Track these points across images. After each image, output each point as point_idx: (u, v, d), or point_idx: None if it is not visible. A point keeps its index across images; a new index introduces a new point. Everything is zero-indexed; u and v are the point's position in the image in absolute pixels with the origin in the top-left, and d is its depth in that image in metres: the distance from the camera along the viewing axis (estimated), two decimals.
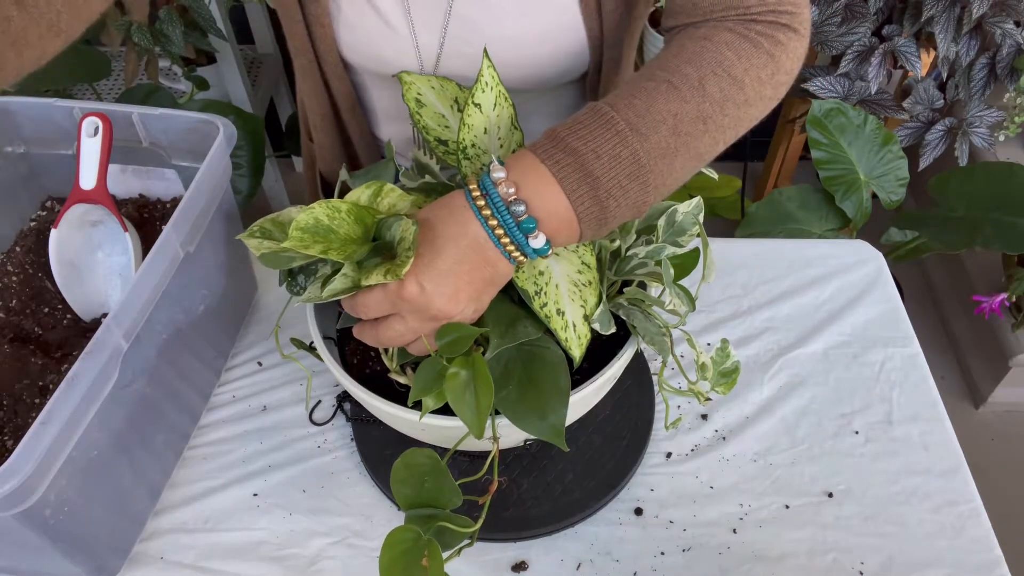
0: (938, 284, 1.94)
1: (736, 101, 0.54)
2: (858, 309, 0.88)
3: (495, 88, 0.56)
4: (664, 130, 0.51)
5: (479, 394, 0.53)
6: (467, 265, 0.51)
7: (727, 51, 0.54)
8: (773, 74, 0.56)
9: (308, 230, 0.48)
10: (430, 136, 0.61)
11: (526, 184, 0.50)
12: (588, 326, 0.57)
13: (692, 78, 0.53)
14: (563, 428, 0.56)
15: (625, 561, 0.69)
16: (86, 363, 0.56)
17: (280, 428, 0.79)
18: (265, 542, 0.70)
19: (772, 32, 0.55)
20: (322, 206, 0.48)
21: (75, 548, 0.62)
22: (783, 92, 0.58)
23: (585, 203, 0.50)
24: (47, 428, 0.53)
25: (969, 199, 1.38)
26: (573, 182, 0.50)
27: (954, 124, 1.56)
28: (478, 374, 0.53)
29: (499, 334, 0.56)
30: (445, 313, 0.52)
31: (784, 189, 1.43)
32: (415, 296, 0.51)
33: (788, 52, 0.56)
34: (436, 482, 0.53)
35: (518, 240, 0.51)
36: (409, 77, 0.63)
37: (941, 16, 1.44)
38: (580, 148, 0.50)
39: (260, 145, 1.52)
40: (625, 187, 0.50)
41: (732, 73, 0.54)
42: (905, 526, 0.70)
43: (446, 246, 0.51)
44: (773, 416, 0.78)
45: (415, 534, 0.51)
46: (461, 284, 0.51)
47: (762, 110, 0.57)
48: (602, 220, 0.51)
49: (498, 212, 0.50)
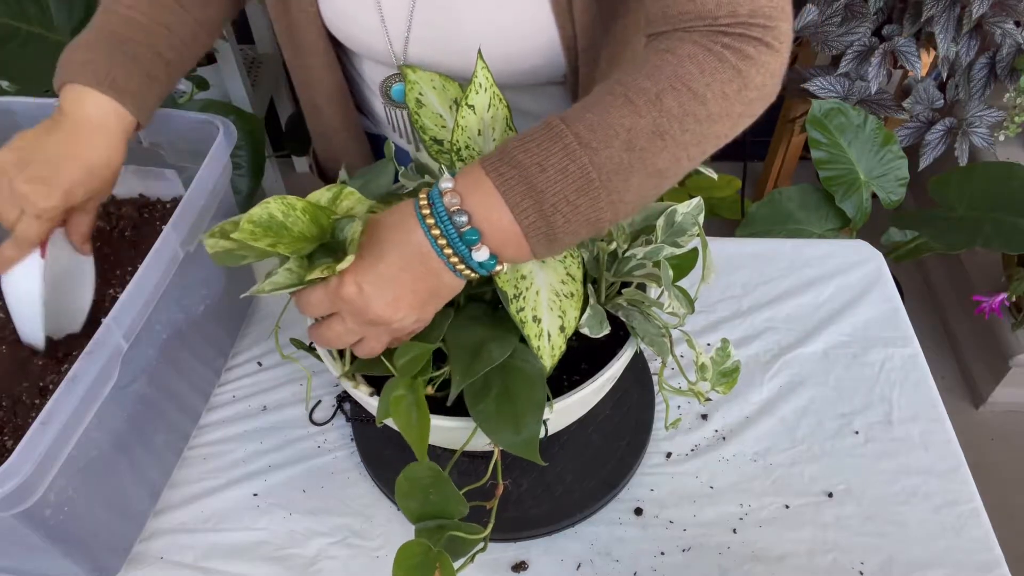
0: (938, 284, 1.94)
1: (697, 116, 0.51)
2: (858, 309, 0.88)
3: (489, 89, 0.56)
4: (617, 144, 0.49)
5: (420, 420, 0.54)
6: (410, 273, 0.51)
7: (689, 64, 0.52)
8: (740, 90, 0.53)
9: (260, 224, 0.47)
10: (426, 135, 0.61)
11: (470, 196, 0.49)
12: (564, 339, 0.56)
13: (649, 92, 0.51)
14: (537, 442, 0.55)
15: (625, 561, 0.69)
16: (86, 363, 0.56)
17: (280, 428, 0.79)
18: (265, 542, 0.70)
19: (740, 46, 0.53)
20: (277, 202, 0.48)
21: (75, 548, 0.62)
22: (758, 109, 0.55)
23: (530, 217, 0.49)
24: (47, 428, 0.53)
25: (969, 199, 1.38)
26: (516, 195, 0.49)
27: (954, 124, 1.56)
28: (418, 401, 0.54)
29: (461, 371, 0.55)
30: (383, 318, 0.52)
31: (784, 189, 1.43)
32: (353, 296, 0.51)
33: (758, 67, 0.53)
34: (440, 493, 0.54)
35: (460, 251, 0.50)
36: (413, 76, 0.63)
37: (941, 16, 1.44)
38: (525, 161, 0.49)
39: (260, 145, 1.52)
40: (573, 202, 0.49)
41: (692, 87, 0.51)
42: (905, 526, 0.70)
43: (391, 252, 0.51)
44: (773, 416, 0.78)
45: (425, 547, 0.51)
46: (402, 291, 0.51)
47: (731, 127, 0.54)
48: (550, 236, 0.50)
49: (441, 222, 0.49)
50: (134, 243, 0.80)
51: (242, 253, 0.53)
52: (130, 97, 0.66)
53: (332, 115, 0.84)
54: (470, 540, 0.53)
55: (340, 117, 0.84)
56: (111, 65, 0.65)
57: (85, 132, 0.65)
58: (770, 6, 0.53)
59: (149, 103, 0.69)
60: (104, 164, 0.65)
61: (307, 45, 0.77)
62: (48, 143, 0.64)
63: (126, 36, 0.67)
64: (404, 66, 0.64)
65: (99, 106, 0.65)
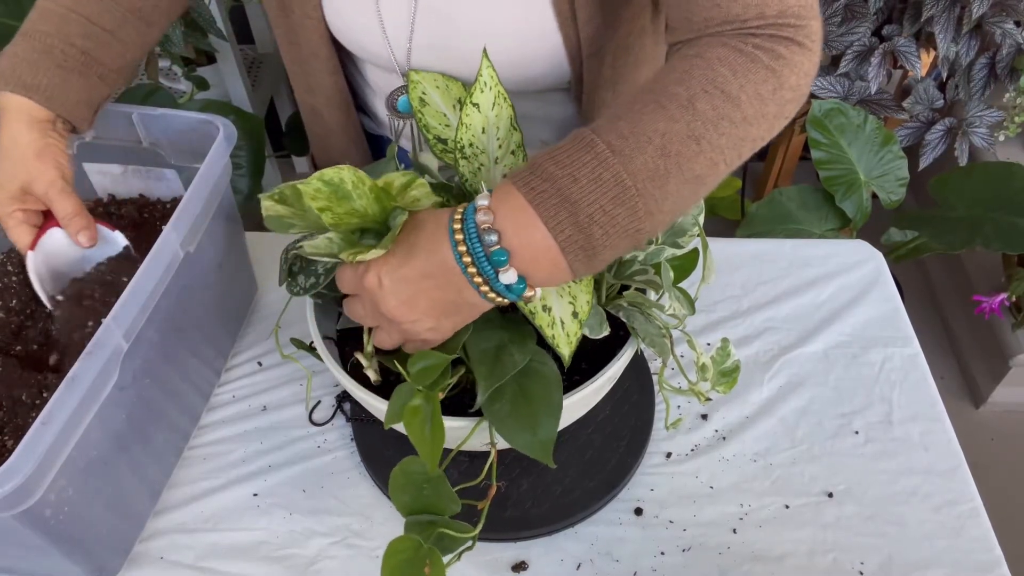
0: (938, 284, 1.94)
1: (732, 119, 0.50)
2: (858, 309, 0.88)
3: (494, 88, 0.56)
4: (651, 150, 0.48)
5: (433, 432, 0.53)
6: (432, 282, 0.50)
7: (720, 67, 0.50)
8: (775, 90, 0.51)
9: (328, 184, 0.47)
10: (430, 134, 0.61)
11: (501, 212, 0.48)
12: (579, 323, 0.56)
13: (681, 97, 0.49)
14: (552, 444, 0.55)
15: (625, 561, 0.69)
16: (86, 363, 0.56)
17: (280, 428, 0.79)
18: (265, 542, 0.70)
19: (772, 46, 0.51)
20: (351, 171, 0.47)
21: (75, 548, 0.62)
22: (791, 110, 0.54)
23: (566, 230, 0.47)
24: (47, 428, 0.53)
25: (969, 199, 1.38)
26: (550, 208, 0.47)
27: (954, 124, 1.56)
28: (434, 413, 0.54)
29: (486, 374, 0.55)
30: (395, 315, 0.52)
31: (784, 189, 1.44)
32: (372, 287, 0.51)
33: (792, 66, 0.52)
34: (434, 489, 0.54)
35: (486, 272, 0.48)
36: (416, 76, 0.63)
37: (941, 16, 1.44)
38: (556, 173, 0.47)
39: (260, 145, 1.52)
40: (610, 212, 0.47)
41: (726, 90, 0.50)
42: (905, 526, 0.70)
43: (418, 256, 0.50)
44: (773, 416, 0.78)
45: (416, 543, 0.51)
46: (420, 296, 0.51)
47: (767, 129, 0.53)
48: (589, 250, 0.48)
49: (469, 239, 0.48)
50: (134, 243, 0.80)
51: (291, 221, 0.53)
52: (38, 91, 0.66)
53: (332, 119, 0.84)
54: (459, 538, 0.53)
55: (341, 120, 0.84)
56: (15, 63, 0.66)
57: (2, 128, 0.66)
58: (799, 5, 0.52)
59: (68, 95, 0.68)
60: (26, 150, 0.65)
61: (309, 49, 0.77)
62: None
63: (41, 30, 0.68)
64: (410, 71, 0.64)
65: (11, 103, 0.66)
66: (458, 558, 0.54)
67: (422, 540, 0.52)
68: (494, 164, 0.57)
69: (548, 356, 0.58)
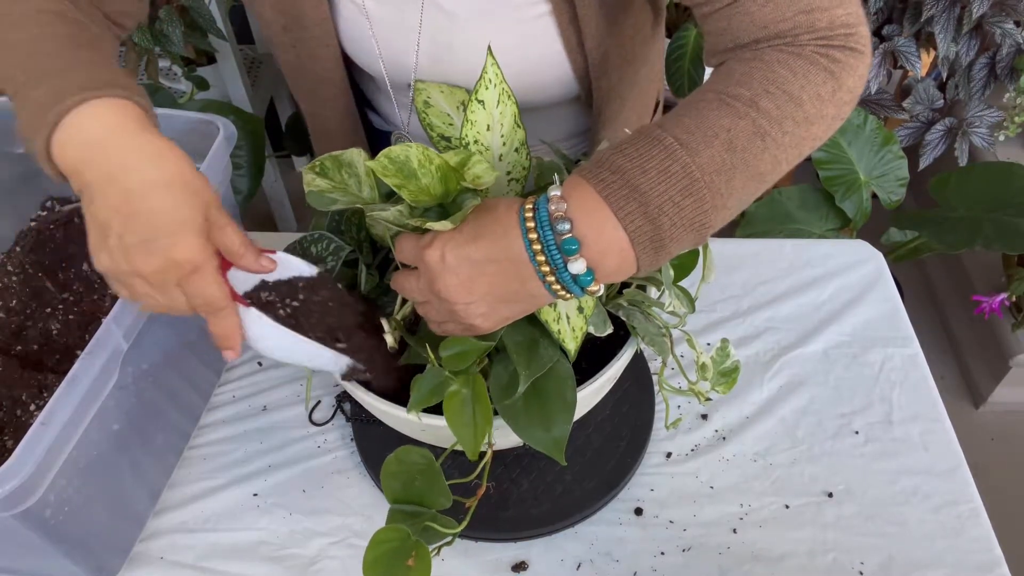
0: (938, 284, 1.94)
1: (795, 119, 0.50)
2: (858, 309, 0.88)
3: (499, 85, 0.56)
4: (717, 145, 0.48)
5: (477, 417, 0.53)
6: (496, 267, 0.50)
7: (780, 68, 0.51)
8: (834, 92, 0.52)
9: (395, 162, 0.48)
10: (434, 133, 0.61)
11: (573, 203, 0.48)
12: (584, 319, 0.56)
13: (744, 96, 0.50)
14: (565, 442, 0.55)
15: (625, 561, 0.69)
16: (86, 363, 0.56)
17: (280, 428, 0.79)
18: (265, 542, 0.70)
19: (827, 51, 0.52)
20: (418, 149, 0.48)
21: (75, 548, 0.62)
22: (847, 111, 0.54)
23: (635, 221, 0.47)
24: (47, 428, 0.53)
25: (969, 199, 1.38)
26: (620, 199, 0.47)
27: (954, 124, 1.56)
28: (478, 396, 0.53)
29: (524, 364, 0.55)
30: (450, 295, 0.51)
31: (784, 189, 1.44)
32: (434, 261, 0.50)
33: (849, 69, 0.52)
34: (427, 482, 0.53)
35: (555, 261, 0.48)
36: (421, 84, 0.64)
37: (941, 16, 1.44)
38: (625, 165, 0.48)
39: (260, 145, 1.52)
40: (678, 203, 0.47)
41: (788, 90, 0.50)
42: (905, 526, 0.70)
43: (486, 238, 0.50)
44: (773, 416, 0.78)
45: (403, 534, 0.51)
46: (480, 279, 0.50)
47: (825, 129, 0.53)
48: (657, 241, 0.48)
49: (540, 227, 0.48)
50: None
51: (333, 196, 0.53)
52: (118, 85, 0.51)
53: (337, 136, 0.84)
54: (441, 533, 0.53)
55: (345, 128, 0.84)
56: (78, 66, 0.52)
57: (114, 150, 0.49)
58: (847, 14, 0.52)
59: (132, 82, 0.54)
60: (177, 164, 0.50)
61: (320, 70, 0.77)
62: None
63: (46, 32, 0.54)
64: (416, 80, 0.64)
65: (98, 112, 0.50)
66: (438, 552, 0.54)
67: (410, 531, 0.51)
68: (498, 161, 0.57)
69: (561, 354, 0.58)
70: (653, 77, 0.85)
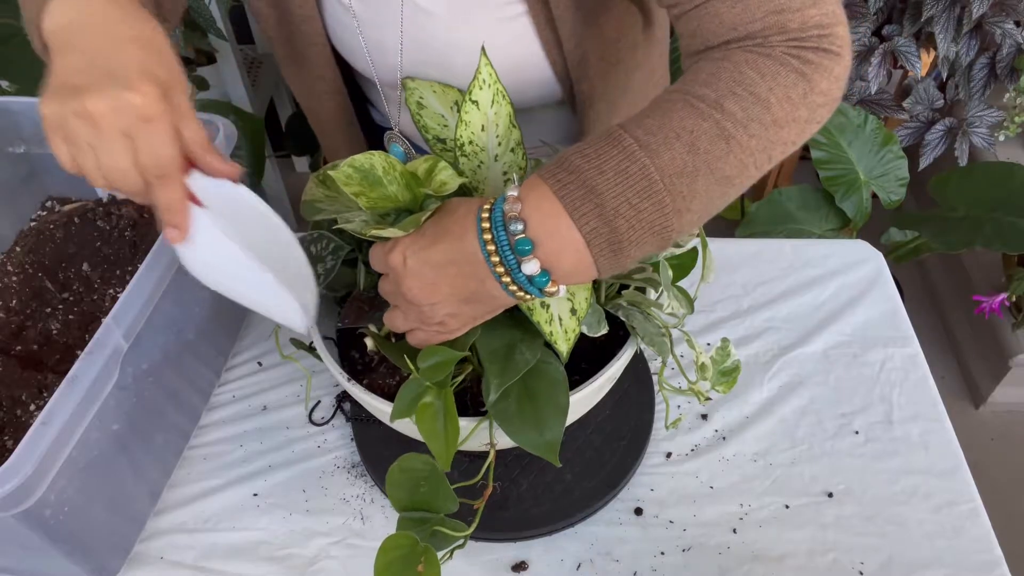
0: (938, 284, 1.94)
1: (763, 121, 0.49)
2: (858, 309, 0.88)
3: (493, 86, 0.56)
4: (679, 146, 0.47)
5: (447, 428, 0.53)
6: (455, 268, 0.50)
7: (748, 69, 0.49)
8: (806, 94, 0.50)
9: (359, 170, 0.48)
10: (429, 135, 0.61)
11: (528, 203, 0.48)
12: (577, 321, 0.56)
13: (709, 97, 0.49)
14: (558, 445, 0.56)
15: (625, 561, 0.69)
16: (86, 363, 0.56)
17: (280, 428, 0.79)
18: (265, 542, 0.70)
19: (799, 53, 0.50)
20: (382, 158, 0.48)
21: (75, 548, 0.62)
22: (824, 114, 0.52)
23: (591, 222, 0.47)
24: (47, 428, 0.53)
25: (969, 199, 1.38)
26: (575, 200, 0.47)
27: (954, 124, 1.56)
28: (448, 410, 0.53)
29: (498, 372, 0.55)
30: (414, 296, 0.51)
31: (784, 189, 1.44)
32: (396, 265, 0.51)
33: (822, 71, 0.50)
34: (432, 487, 0.54)
35: (508, 262, 0.48)
36: (413, 83, 0.63)
37: (941, 16, 1.44)
38: (583, 166, 0.47)
39: (260, 145, 1.52)
40: (636, 206, 0.47)
41: (755, 92, 0.49)
42: (905, 526, 0.70)
43: (445, 240, 0.50)
44: (773, 416, 0.78)
45: (411, 541, 0.51)
46: (442, 281, 0.51)
47: (798, 133, 0.51)
48: (615, 244, 0.47)
49: (495, 227, 0.48)
50: (134, 243, 0.80)
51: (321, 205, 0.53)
52: None
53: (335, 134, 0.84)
54: (451, 536, 0.53)
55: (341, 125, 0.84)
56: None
57: None
58: (820, 14, 0.51)
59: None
60: (132, 29, 0.50)
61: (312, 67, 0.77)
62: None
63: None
64: (405, 79, 0.64)
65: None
66: (450, 556, 0.54)
67: (418, 538, 0.51)
68: (493, 161, 0.57)
69: (554, 356, 0.58)
70: (653, 83, 0.84)
